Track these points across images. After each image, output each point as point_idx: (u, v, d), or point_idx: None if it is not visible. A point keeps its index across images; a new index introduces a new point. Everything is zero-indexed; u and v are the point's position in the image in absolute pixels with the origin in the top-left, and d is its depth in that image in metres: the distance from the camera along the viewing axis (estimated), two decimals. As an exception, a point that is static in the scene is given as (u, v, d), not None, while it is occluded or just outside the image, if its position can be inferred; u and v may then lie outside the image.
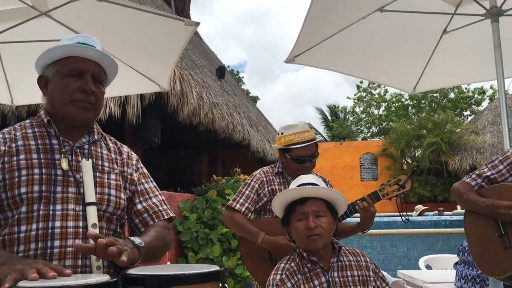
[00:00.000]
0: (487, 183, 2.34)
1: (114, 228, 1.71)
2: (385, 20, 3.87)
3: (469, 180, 2.39)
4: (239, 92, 15.39)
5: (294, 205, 2.17)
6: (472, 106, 26.64)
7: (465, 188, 2.37)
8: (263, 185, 2.80)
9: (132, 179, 1.80)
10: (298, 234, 2.13)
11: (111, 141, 1.86)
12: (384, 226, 8.66)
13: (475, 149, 18.17)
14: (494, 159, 2.39)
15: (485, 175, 2.34)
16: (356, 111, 29.35)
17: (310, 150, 2.79)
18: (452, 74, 4.72)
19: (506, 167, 2.30)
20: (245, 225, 2.72)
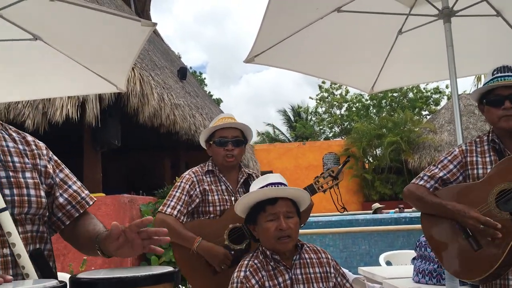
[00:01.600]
0: (440, 184, 2.31)
1: (37, 228, 1.58)
2: (342, 21, 3.91)
3: (423, 183, 2.35)
4: (201, 93, 15.30)
5: (263, 204, 2.14)
6: (431, 106, 27.44)
7: (421, 191, 2.32)
8: (194, 186, 2.71)
9: (47, 172, 1.66)
10: (268, 235, 2.11)
11: (12, 130, 1.67)
12: (347, 224, 8.79)
13: (433, 147, 18.73)
14: (443, 159, 2.37)
15: (438, 176, 2.31)
16: (318, 112, 29.73)
17: (234, 133, 2.76)
18: (408, 74, 4.83)
19: (456, 166, 2.30)
20: (178, 230, 2.58)
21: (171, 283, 1.32)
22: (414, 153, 18.88)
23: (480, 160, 2.24)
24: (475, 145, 2.31)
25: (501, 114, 2.18)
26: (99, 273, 1.34)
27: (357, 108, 27.49)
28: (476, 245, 2.08)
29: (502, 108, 2.17)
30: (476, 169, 2.24)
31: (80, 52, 3.41)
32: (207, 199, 2.72)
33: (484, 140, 2.29)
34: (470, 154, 2.29)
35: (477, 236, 2.09)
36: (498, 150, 2.20)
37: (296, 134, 28.23)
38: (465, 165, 2.29)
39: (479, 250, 2.07)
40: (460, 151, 2.33)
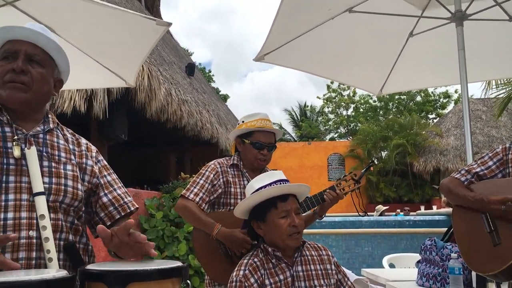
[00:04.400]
0: (476, 179, 2.33)
1: (71, 220, 1.65)
2: (353, 21, 3.91)
3: (459, 176, 2.38)
4: (208, 89, 15.31)
5: (274, 201, 2.14)
6: (438, 109, 27.32)
7: (454, 183, 2.36)
8: (218, 176, 2.73)
9: (93, 171, 1.75)
10: (280, 231, 2.11)
11: (68, 132, 1.80)
12: (350, 226, 8.77)
13: (439, 151, 18.64)
14: (484, 155, 2.38)
15: (475, 171, 2.33)
16: (325, 111, 29.67)
17: (270, 139, 2.79)
18: (417, 77, 4.82)
19: (496, 163, 2.29)
20: (199, 215, 2.62)
21: (179, 278, 1.32)
22: (419, 156, 18.80)
23: None
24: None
25: None
26: (108, 265, 1.35)
27: (364, 109, 27.41)
28: (497, 239, 2.09)
29: None
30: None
31: (92, 46, 3.43)
32: (229, 190, 2.74)
33: None
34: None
35: (499, 230, 2.10)
36: None
37: (302, 134, 28.19)
38: (505, 163, 2.27)
39: (498, 245, 2.07)
40: (503, 148, 2.32)
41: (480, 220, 2.17)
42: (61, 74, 1.77)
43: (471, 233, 2.24)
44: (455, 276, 2.65)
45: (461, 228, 2.34)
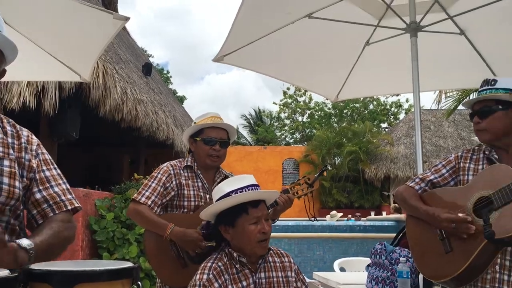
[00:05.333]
0: (430, 187, 2.36)
1: (6, 219, 1.54)
2: (313, 27, 3.96)
3: (413, 184, 2.41)
4: (165, 90, 15.10)
5: (246, 206, 2.09)
6: (390, 118, 28.13)
7: (408, 193, 2.39)
8: (170, 178, 2.69)
9: (30, 166, 1.64)
10: (249, 238, 2.07)
11: (8, 124, 1.68)
12: (303, 230, 8.86)
13: (390, 159, 19.18)
14: (438, 163, 2.42)
15: (429, 179, 2.37)
16: (281, 117, 29.93)
17: (222, 134, 2.77)
18: (373, 84, 4.93)
19: (449, 171, 2.34)
20: (151, 217, 2.56)
21: (129, 280, 1.28)
22: (371, 163, 19.27)
23: (473, 167, 2.28)
24: (472, 153, 2.34)
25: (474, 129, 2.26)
26: (54, 265, 1.28)
27: (319, 116, 27.84)
28: (449, 247, 2.13)
29: (474, 122, 2.24)
30: (466, 175, 2.28)
31: (46, 39, 3.31)
32: (182, 193, 2.70)
33: (481, 149, 2.31)
34: (464, 160, 2.32)
35: (450, 239, 2.14)
36: (491, 160, 2.23)
37: (258, 138, 28.30)
38: (457, 171, 2.32)
39: (450, 252, 2.12)
40: (456, 157, 2.37)
41: (433, 228, 2.22)
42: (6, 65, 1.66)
43: (424, 240, 2.28)
44: (403, 280, 2.72)
45: (415, 234, 2.38)
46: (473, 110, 2.25)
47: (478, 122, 2.19)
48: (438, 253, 2.17)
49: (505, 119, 2.15)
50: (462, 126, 20.38)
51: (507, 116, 2.15)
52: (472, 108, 2.27)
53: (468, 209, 2.10)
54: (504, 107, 2.15)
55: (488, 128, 2.17)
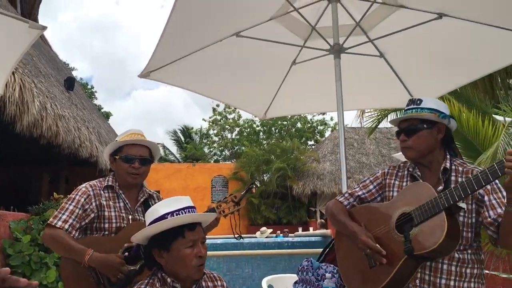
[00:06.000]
0: (358, 202, 2.42)
1: None
2: (241, 45, 3.99)
3: (342, 199, 2.46)
4: (89, 106, 14.54)
5: (182, 230, 1.99)
6: (316, 136, 28.97)
7: (337, 208, 2.43)
8: (89, 200, 2.54)
9: None
10: (185, 262, 1.98)
11: None
12: (232, 248, 8.79)
13: (316, 175, 19.68)
14: (366, 179, 2.48)
15: (357, 194, 2.43)
16: (210, 134, 29.86)
17: (142, 152, 2.66)
18: (299, 103, 5.05)
19: (376, 187, 2.41)
20: (69, 242, 2.40)
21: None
22: (298, 180, 19.66)
23: (398, 184, 2.36)
24: (398, 169, 2.42)
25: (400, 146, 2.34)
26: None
27: (248, 133, 28.09)
28: (373, 262, 2.18)
29: (400, 140, 2.32)
30: (392, 192, 2.35)
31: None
32: (103, 214, 2.55)
33: (406, 166, 2.39)
34: (390, 176, 2.40)
35: None
36: (414, 177, 2.31)
37: (186, 155, 27.98)
38: (384, 187, 2.40)
39: (374, 267, 2.17)
40: (382, 173, 2.44)
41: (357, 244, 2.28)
42: None
43: (351, 254, 2.33)
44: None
45: (343, 249, 2.43)
46: (399, 128, 2.34)
47: (405, 139, 2.28)
48: (363, 268, 2.23)
49: (429, 138, 2.25)
50: (383, 144, 21.41)
51: (431, 135, 2.25)
52: (398, 126, 2.36)
53: (391, 224, 2.17)
54: (428, 126, 2.25)
55: (413, 146, 2.26)
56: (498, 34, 3.37)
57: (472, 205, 2.13)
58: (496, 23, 3.34)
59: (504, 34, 3.34)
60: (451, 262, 2.10)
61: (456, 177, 2.20)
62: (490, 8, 3.29)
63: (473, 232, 2.14)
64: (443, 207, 2.00)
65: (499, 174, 1.88)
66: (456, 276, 2.09)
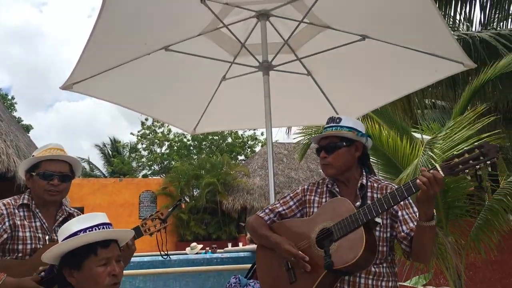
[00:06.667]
0: (278, 218, 2.45)
1: None
2: (170, 59, 3.93)
3: (263, 215, 2.48)
4: (7, 118, 13.68)
5: (95, 247, 1.90)
6: (247, 151, 29.16)
7: (258, 222, 2.46)
8: (2, 219, 2.38)
9: None
10: (98, 281, 1.88)
11: None
12: (160, 265, 8.56)
13: (246, 190, 19.76)
14: (286, 195, 2.52)
15: (277, 210, 2.46)
16: (138, 148, 29.14)
17: (62, 168, 2.53)
18: (229, 119, 5.05)
19: (296, 203, 2.45)
20: None
21: None
22: (228, 195, 19.63)
23: (317, 200, 2.41)
24: (317, 186, 2.47)
25: (320, 163, 2.39)
26: None
27: (178, 147, 27.73)
28: (294, 277, 2.21)
29: (320, 157, 2.37)
30: (312, 208, 2.40)
31: None
32: (17, 235, 2.38)
33: (325, 183, 2.45)
34: (310, 193, 2.45)
35: (295, 268, 2.22)
36: (333, 193, 2.37)
37: (113, 170, 27.06)
38: (304, 203, 2.44)
39: (294, 282, 2.19)
40: (302, 190, 2.49)
41: (280, 258, 2.29)
42: None
43: (272, 270, 2.35)
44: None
45: (264, 265, 2.44)
46: (319, 145, 2.39)
47: (325, 156, 2.34)
48: (284, 282, 2.25)
49: (348, 155, 2.33)
50: (311, 159, 21.92)
51: (349, 153, 2.34)
52: (318, 143, 2.41)
53: (312, 240, 2.21)
54: (347, 144, 2.33)
55: (333, 163, 2.33)
56: (415, 56, 3.57)
57: (387, 220, 2.23)
58: (413, 46, 3.54)
59: (421, 57, 3.54)
60: (368, 276, 2.17)
61: (372, 193, 2.30)
62: (408, 32, 3.49)
63: (388, 246, 2.24)
64: (361, 222, 2.08)
65: (413, 191, 1.99)
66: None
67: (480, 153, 1.90)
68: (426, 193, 1.94)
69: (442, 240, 4.83)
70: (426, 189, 1.93)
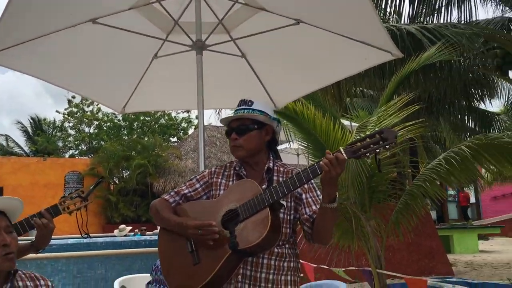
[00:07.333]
0: (184, 201, 2.40)
1: None
2: (99, 33, 3.74)
3: (168, 197, 2.42)
4: None
5: None
6: (180, 133, 28.78)
7: (162, 205, 2.39)
8: None
9: None
10: None
11: None
12: (85, 248, 8.29)
13: (178, 172, 19.57)
14: (192, 177, 2.48)
15: (183, 193, 2.41)
16: (65, 127, 27.86)
17: None
18: (160, 98, 4.91)
19: (202, 185, 2.41)
20: None
21: None
22: (160, 177, 19.36)
23: (224, 182, 2.38)
24: (224, 169, 2.44)
25: (230, 144, 2.37)
26: None
27: (108, 127, 26.83)
28: (197, 258, 2.18)
29: (231, 139, 2.35)
30: (218, 190, 2.37)
31: None
32: None
33: (232, 166, 2.43)
34: (217, 176, 2.42)
35: (199, 250, 2.20)
36: (240, 176, 2.36)
37: (37, 149, 25.70)
38: (210, 186, 2.40)
39: (198, 264, 2.17)
40: (209, 172, 2.45)
41: (183, 241, 2.24)
42: None
43: (174, 253, 2.31)
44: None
45: (166, 249, 2.38)
46: (230, 127, 2.37)
47: (236, 138, 2.32)
48: (186, 265, 2.21)
49: (258, 138, 2.34)
50: (244, 143, 22.09)
51: (260, 136, 2.34)
52: (228, 125, 2.39)
53: (218, 221, 2.20)
54: (259, 127, 2.34)
55: (244, 145, 2.31)
56: (346, 44, 3.64)
57: (291, 203, 2.28)
58: (345, 33, 3.60)
59: (352, 44, 3.62)
60: (271, 256, 2.21)
61: (278, 177, 2.32)
62: (341, 19, 3.55)
63: (291, 228, 2.29)
64: (267, 203, 2.10)
65: (318, 172, 2.04)
66: (275, 269, 2.20)
67: (380, 138, 1.98)
68: (329, 174, 2.00)
69: (364, 223, 5.04)
70: (328, 170, 1.99)
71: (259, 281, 2.17)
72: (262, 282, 2.17)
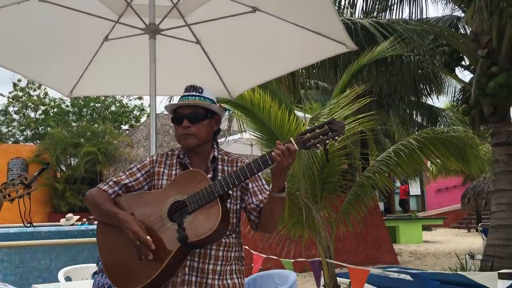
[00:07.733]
0: (124, 191, 2.27)
1: None
2: (45, 11, 3.57)
3: (106, 188, 2.27)
4: None
5: None
6: (132, 121, 28.15)
7: (102, 196, 2.24)
8: None
9: None
10: None
11: None
12: (28, 237, 7.98)
13: (129, 161, 19.13)
14: (132, 166, 2.35)
15: (123, 182, 2.27)
16: (9, 111, 26.64)
17: None
18: (110, 83, 4.74)
19: (143, 175, 2.30)
20: None
21: None
22: (110, 165, 18.87)
23: (167, 172, 2.29)
24: (166, 157, 2.35)
25: (180, 132, 2.27)
26: None
27: (55, 113, 25.86)
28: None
29: (181, 126, 2.26)
30: (161, 180, 2.28)
31: None
32: None
33: (175, 154, 2.35)
34: (159, 165, 2.32)
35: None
36: (184, 165, 2.28)
37: (-22, 134, 24.54)
38: (152, 175, 2.30)
39: (143, 259, 2.05)
40: (150, 161, 2.34)
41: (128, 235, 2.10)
42: None
43: (116, 246, 2.18)
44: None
45: (107, 242, 2.24)
46: (180, 113, 2.27)
47: (189, 126, 2.24)
48: (131, 261, 2.10)
49: (210, 128, 2.29)
50: (197, 132, 21.91)
51: (211, 125, 2.30)
52: (176, 111, 2.30)
53: (163, 213, 2.12)
54: (210, 116, 2.29)
55: (196, 133, 2.23)
56: (302, 34, 3.63)
57: (237, 193, 2.26)
58: (301, 23, 3.59)
59: (307, 35, 3.61)
60: (219, 247, 2.18)
61: (222, 165, 2.29)
62: (297, 9, 3.54)
63: (237, 218, 2.28)
64: (218, 194, 2.06)
65: (270, 163, 2.03)
66: (223, 260, 2.18)
67: (329, 129, 1.99)
68: (281, 165, 2.00)
69: (315, 214, 5.10)
70: (280, 161, 1.99)
71: (207, 273, 2.13)
72: (209, 274, 2.14)
